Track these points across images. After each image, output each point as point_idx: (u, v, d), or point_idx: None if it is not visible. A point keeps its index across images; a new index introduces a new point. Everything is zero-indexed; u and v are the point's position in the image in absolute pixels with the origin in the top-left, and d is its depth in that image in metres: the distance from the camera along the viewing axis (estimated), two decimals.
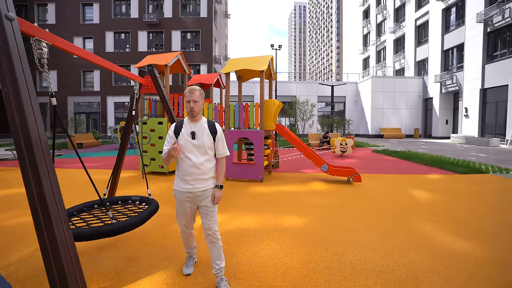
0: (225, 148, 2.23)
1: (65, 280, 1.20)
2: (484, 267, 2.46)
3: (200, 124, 2.12)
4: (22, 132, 1.30)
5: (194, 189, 2.08)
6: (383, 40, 30.18)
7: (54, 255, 1.22)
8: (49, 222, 1.23)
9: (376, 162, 9.52)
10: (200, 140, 2.07)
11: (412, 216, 3.88)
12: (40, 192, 1.25)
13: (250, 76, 7.30)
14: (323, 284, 2.22)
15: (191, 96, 2.06)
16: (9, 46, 1.38)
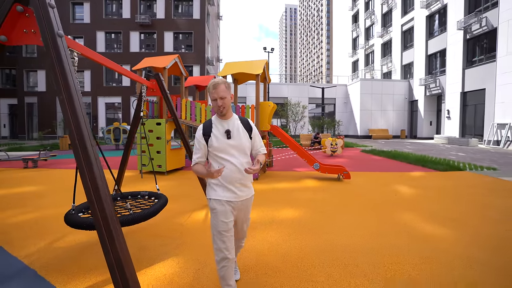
0: (263, 146, 1.93)
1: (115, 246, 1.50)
2: (451, 245, 2.89)
3: (233, 121, 1.81)
4: (76, 130, 1.59)
5: (239, 198, 1.78)
6: (371, 44, 31.13)
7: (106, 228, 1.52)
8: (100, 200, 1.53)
9: (364, 161, 10.03)
10: (237, 140, 1.77)
11: (395, 208, 4.31)
12: (91, 177, 1.55)
13: (246, 79, 7.64)
14: (317, 263, 2.57)
15: (216, 92, 1.71)
16: (62, 60, 1.66)
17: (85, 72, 25.01)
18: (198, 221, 3.79)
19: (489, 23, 16.57)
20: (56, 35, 1.69)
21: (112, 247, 1.48)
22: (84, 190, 1.53)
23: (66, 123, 1.61)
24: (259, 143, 1.90)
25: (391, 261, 2.59)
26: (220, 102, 1.72)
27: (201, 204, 4.60)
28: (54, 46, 1.67)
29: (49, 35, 1.67)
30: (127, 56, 24.90)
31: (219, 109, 1.75)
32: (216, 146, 1.74)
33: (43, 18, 1.67)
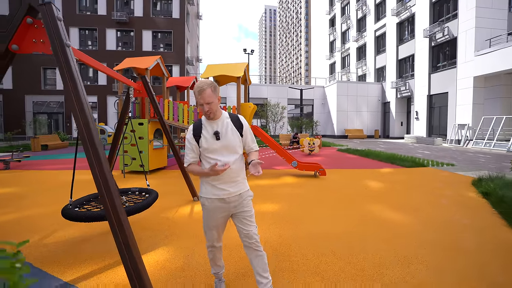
0: (254, 142, 1.93)
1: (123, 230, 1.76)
2: (408, 229, 3.39)
3: (222, 121, 1.82)
4: (86, 131, 1.83)
5: (228, 195, 1.80)
6: (347, 47, 32.50)
7: (116, 217, 1.77)
8: (109, 191, 1.78)
9: (340, 159, 10.68)
10: (226, 140, 1.78)
11: (364, 199, 4.82)
12: (100, 170, 1.80)
13: (227, 81, 7.92)
14: (294, 247, 2.94)
15: (202, 98, 1.71)
16: (70, 66, 1.88)
17: (57, 69, 23.88)
18: (185, 215, 4.04)
19: (450, 32, 18.10)
20: (65, 45, 1.91)
21: (120, 232, 1.73)
22: (95, 183, 1.77)
23: (76, 123, 1.84)
24: (250, 140, 1.90)
25: (358, 243, 3.03)
26: (206, 107, 1.72)
27: (186, 200, 4.83)
28: (63, 55, 1.89)
29: (59, 45, 1.89)
30: (103, 54, 24.12)
31: (206, 114, 1.76)
32: (205, 147, 1.77)
33: (53, 30, 1.88)
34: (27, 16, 1.90)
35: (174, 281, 2.30)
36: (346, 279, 2.31)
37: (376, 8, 26.81)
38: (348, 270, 2.44)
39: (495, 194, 4.66)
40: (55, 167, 8.61)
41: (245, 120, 1.90)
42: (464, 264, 2.56)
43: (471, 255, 2.74)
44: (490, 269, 2.48)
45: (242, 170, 1.88)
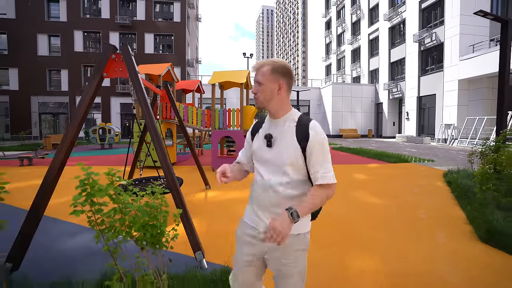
0: (329, 169, 1.18)
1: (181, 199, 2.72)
2: (383, 210, 4.40)
3: (284, 122, 1.24)
4: (153, 128, 2.78)
5: (265, 227, 1.23)
6: (342, 50, 33.61)
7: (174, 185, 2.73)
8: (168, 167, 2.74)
9: (333, 156, 11.61)
10: (278, 150, 1.21)
11: (351, 189, 5.81)
12: (163, 154, 2.75)
13: (231, 86, 8.88)
14: None
15: (255, 75, 1.23)
16: (141, 86, 2.84)
17: (62, 71, 24.68)
18: (201, 199, 5.01)
19: (437, 38, 19.24)
20: (137, 72, 2.87)
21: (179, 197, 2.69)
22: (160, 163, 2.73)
23: (146, 124, 2.79)
24: (319, 164, 1.18)
25: (344, 220, 4.03)
26: (255, 88, 1.23)
27: (200, 188, 5.77)
28: (136, 79, 2.85)
29: (133, 73, 2.84)
30: None
31: (255, 99, 1.26)
32: (254, 150, 1.31)
33: (130, 63, 2.84)
34: (112, 54, 2.85)
35: (201, 239, 3.28)
36: (333, 240, 3.31)
37: (370, 12, 27.93)
38: (335, 236, 3.44)
39: (454, 182, 5.69)
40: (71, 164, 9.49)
41: (319, 131, 1.19)
42: (417, 229, 3.58)
43: (424, 223, 3.76)
44: (435, 231, 3.50)
45: (293, 201, 1.20)
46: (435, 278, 2.33)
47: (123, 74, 2.94)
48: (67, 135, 2.68)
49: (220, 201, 4.83)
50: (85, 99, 2.74)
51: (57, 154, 2.63)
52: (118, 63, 2.94)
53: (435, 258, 2.69)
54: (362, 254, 2.77)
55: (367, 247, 2.95)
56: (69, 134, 2.67)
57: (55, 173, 2.61)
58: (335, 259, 2.68)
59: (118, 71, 2.94)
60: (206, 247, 2.86)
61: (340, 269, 2.48)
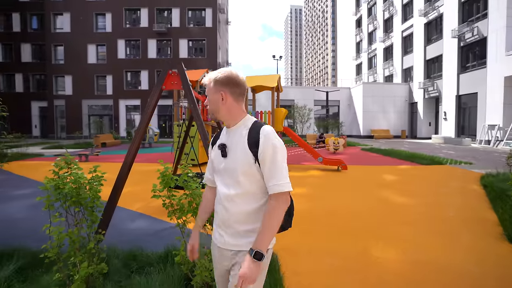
0: (280, 177, 1.08)
1: None
2: (415, 209, 4.59)
3: (238, 130, 1.16)
4: (201, 131, 3.34)
5: (223, 244, 1.17)
6: (374, 48, 32.60)
7: None
8: None
9: (362, 157, 11.69)
10: (231, 160, 1.14)
11: (379, 188, 6.00)
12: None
13: (262, 89, 9.39)
14: (321, 216, 4.29)
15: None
16: (193, 97, 3.42)
17: (107, 77, 27.13)
18: None
19: (480, 32, 18.02)
20: (189, 85, 3.45)
21: None
22: None
23: (197, 126, 3.36)
24: (272, 171, 1.08)
25: (371, 216, 4.32)
26: (205, 101, 1.22)
27: None
28: (188, 90, 3.43)
29: (186, 85, 3.44)
30: (145, 62, 26.93)
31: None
32: (211, 161, 1.27)
33: (183, 77, 3.43)
34: (169, 70, 3.47)
35: None
36: (359, 231, 3.65)
37: (403, 8, 26.81)
38: (362, 227, 3.77)
39: (490, 185, 5.61)
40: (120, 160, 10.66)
41: (272, 135, 1.10)
42: (443, 227, 3.77)
43: (452, 222, 3.93)
44: (461, 230, 3.67)
45: (249, 216, 1.13)
46: (454, 271, 2.58)
47: (177, 86, 3.55)
48: (136, 138, 3.32)
49: None
50: (149, 107, 3.38)
51: (128, 153, 3.27)
52: (173, 77, 3.55)
53: (455, 251, 2.91)
54: (383, 244, 3.07)
55: (389, 239, 3.23)
56: (137, 137, 3.31)
57: (127, 168, 3.24)
58: (357, 247, 3.02)
59: (174, 84, 3.56)
60: None
61: (360, 256, 2.82)
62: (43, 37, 27.46)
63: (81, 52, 26.93)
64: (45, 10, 27.24)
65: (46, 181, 2.00)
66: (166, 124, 27.04)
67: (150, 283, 2.17)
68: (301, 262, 2.71)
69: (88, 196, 2.15)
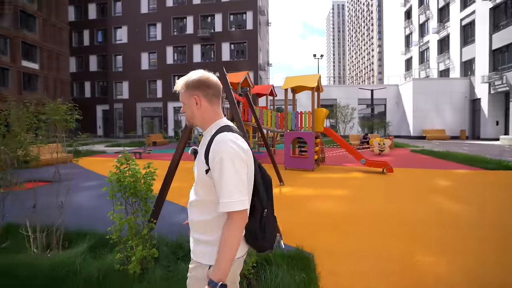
0: (227, 194, 0.96)
1: None
2: (470, 217, 4.18)
3: (206, 136, 1.12)
4: (242, 133, 3.50)
5: (192, 252, 1.13)
6: (426, 40, 29.80)
7: None
8: None
9: (411, 159, 10.81)
10: (196, 165, 1.12)
11: (429, 193, 5.54)
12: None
13: (302, 89, 9.31)
14: (365, 223, 4.15)
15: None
16: (234, 99, 3.61)
17: (158, 81, 29.52)
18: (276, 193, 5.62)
19: None
20: (230, 89, 3.65)
21: None
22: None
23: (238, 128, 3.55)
24: (222, 187, 0.98)
25: (419, 224, 4.06)
26: (182, 108, 1.18)
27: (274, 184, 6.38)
28: (230, 93, 3.63)
29: (227, 89, 3.64)
30: (190, 66, 28.52)
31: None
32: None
33: (225, 81, 3.64)
34: None
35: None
36: (403, 235, 3.47)
37: None
38: (406, 231, 3.58)
39: None
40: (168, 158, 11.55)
41: (222, 145, 1.00)
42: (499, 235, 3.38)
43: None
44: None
45: (205, 226, 1.07)
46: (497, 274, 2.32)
47: None
48: (183, 138, 3.62)
49: (294, 196, 5.36)
50: None
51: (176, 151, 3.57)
52: None
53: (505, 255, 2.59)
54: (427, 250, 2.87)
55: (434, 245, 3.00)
56: (183, 137, 3.60)
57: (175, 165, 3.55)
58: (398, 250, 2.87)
59: None
60: (283, 233, 3.39)
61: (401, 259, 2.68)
62: (106, 48, 31.27)
63: (136, 59, 29.86)
64: (108, 25, 30.81)
65: (110, 175, 2.36)
66: None
67: None
68: (339, 263, 2.70)
69: (142, 188, 2.45)
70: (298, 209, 4.59)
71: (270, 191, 1.21)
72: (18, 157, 3.09)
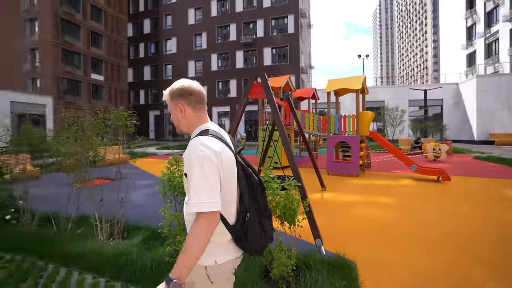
0: (193, 195, 1.01)
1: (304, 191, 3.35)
2: None
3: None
4: (283, 136, 3.55)
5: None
6: (494, 30, 26.24)
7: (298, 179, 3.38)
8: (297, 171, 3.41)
9: (474, 167, 9.59)
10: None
11: (494, 205, 4.88)
12: (291, 159, 3.46)
13: (346, 92, 8.99)
14: (414, 234, 3.86)
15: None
16: (275, 103, 3.68)
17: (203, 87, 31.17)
18: (318, 199, 5.52)
19: None
20: (271, 93, 3.73)
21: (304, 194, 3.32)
22: (289, 163, 3.45)
23: (279, 132, 3.60)
24: (190, 188, 1.03)
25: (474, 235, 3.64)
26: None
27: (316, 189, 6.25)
28: (271, 98, 3.71)
29: (269, 94, 3.72)
30: (233, 72, 29.66)
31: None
32: None
33: (266, 87, 3.74)
34: (253, 81, 3.84)
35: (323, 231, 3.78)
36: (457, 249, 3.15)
37: None
38: (460, 244, 3.24)
39: None
40: None
41: (192, 149, 1.04)
42: None
43: None
44: None
45: (189, 226, 1.10)
46: None
47: (261, 95, 3.89)
48: None
49: (337, 202, 5.21)
50: (237, 115, 3.82)
51: None
52: (258, 87, 3.92)
53: None
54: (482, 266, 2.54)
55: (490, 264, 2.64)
56: None
57: None
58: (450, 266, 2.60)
59: (258, 93, 3.92)
60: (324, 239, 3.29)
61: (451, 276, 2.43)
62: (157, 59, 34.24)
63: (183, 68, 32.13)
64: (159, 38, 33.73)
65: (162, 175, 2.61)
66: (252, 129, 28.99)
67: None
68: (383, 274, 2.56)
69: None
70: (340, 215, 4.45)
71: (258, 195, 1.19)
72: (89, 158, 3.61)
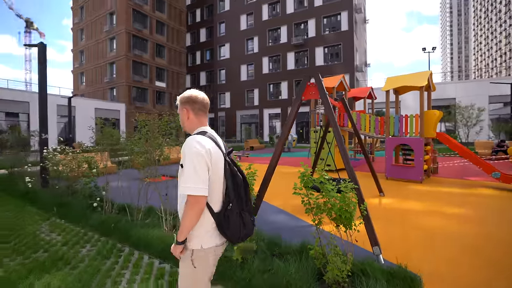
0: (185, 180, 1.28)
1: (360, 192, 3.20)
2: None
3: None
4: (338, 137, 3.44)
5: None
6: None
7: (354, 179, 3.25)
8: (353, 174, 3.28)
9: None
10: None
11: None
12: (347, 161, 3.33)
13: (407, 90, 8.22)
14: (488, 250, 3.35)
15: None
16: (329, 104, 3.60)
17: (255, 90, 32.04)
18: (375, 204, 5.18)
19: None
20: (325, 94, 3.66)
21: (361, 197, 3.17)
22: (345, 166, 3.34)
23: (334, 133, 3.51)
24: (181, 176, 1.32)
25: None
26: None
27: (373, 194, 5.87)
28: (325, 99, 3.64)
29: (323, 95, 3.66)
30: (284, 74, 29.69)
31: None
32: None
33: (320, 88, 3.68)
34: (307, 82, 3.82)
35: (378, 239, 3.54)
36: None
37: None
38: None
39: None
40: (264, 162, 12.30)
41: (186, 145, 1.31)
42: None
43: None
44: None
45: (181, 209, 1.39)
46: None
47: (315, 96, 3.85)
48: (279, 143, 3.85)
49: (396, 209, 4.83)
50: (290, 117, 3.85)
51: (274, 156, 3.84)
52: (312, 88, 3.88)
53: None
54: None
55: None
56: (280, 142, 3.83)
57: (272, 169, 3.81)
58: None
59: (312, 94, 3.88)
60: (382, 247, 3.08)
61: None
62: (212, 65, 36.34)
63: (236, 72, 33.48)
64: (214, 45, 35.78)
65: None
66: (303, 130, 28.57)
67: (288, 268, 2.53)
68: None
69: None
70: (400, 223, 4.11)
71: (241, 191, 1.43)
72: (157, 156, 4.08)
